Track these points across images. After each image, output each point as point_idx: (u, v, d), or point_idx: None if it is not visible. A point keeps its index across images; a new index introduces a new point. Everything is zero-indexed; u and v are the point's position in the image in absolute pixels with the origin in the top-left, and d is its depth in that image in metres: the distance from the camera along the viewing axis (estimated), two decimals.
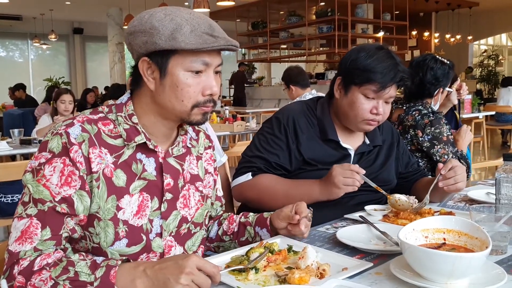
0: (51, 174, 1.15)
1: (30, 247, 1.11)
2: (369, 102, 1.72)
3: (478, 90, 15.20)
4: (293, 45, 13.42)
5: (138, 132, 1.25)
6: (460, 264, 1.00)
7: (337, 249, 1.34)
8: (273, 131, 1.80)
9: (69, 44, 17.71)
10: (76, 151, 1.17)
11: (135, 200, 1.23)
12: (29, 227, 1.12)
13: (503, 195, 1.37)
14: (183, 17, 1.18)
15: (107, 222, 1.20)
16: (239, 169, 1.79)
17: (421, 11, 15.83)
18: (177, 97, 1.21)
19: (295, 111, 1.84)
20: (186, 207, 1.33)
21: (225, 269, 1.17)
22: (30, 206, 1.14)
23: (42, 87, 15.25)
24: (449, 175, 1.64)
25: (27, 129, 5.18)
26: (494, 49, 18.86)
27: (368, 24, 11.68)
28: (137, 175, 1.24)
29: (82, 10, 14.69)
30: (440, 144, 2.39)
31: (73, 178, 1.16)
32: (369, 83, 1.69)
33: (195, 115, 1.24)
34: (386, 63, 1.69)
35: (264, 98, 11.18)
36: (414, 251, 1.06)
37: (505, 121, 8.80)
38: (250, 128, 5.81)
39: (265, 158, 1.76)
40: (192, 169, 1.38)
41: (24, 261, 1.10)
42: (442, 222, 1.19)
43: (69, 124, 1.20)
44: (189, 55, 1.18)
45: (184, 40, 1.15)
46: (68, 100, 4.84)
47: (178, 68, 1.19)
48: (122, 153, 1.23)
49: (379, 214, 1.64)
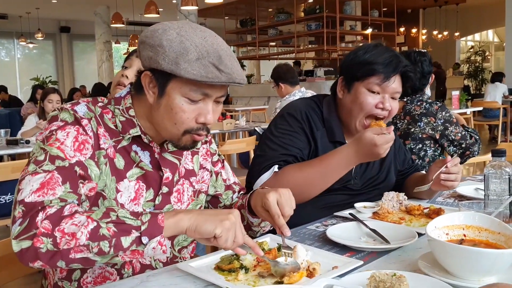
0: (64, 138, 1.14)
1: (54, 198, 1.05)
2: (374, 97, 1.66)
3: (465, 86, 15.32)
4: (282, 43, 13.41)
5: (134, 125, 1.25)
6: (501, 260, 1.00)
7: (327, 247, 1.34)
8: (291, 127, 1.72)
9: (56, 43, 17.56)
10: (87, 125, 1.19)
11: (132, 186, 1.24)
12: (51, 178, 1.07)
13: (492, 191, 1.38)
14: (194, 42, 1.13)
15: (112, 201, 1.21)
16: (261, 169, 1.65)
17: (408, 8, 15.92)
18: (170, 119, 1.19)
19: (306, 107, 1.77)
20: (179, 202, 1.35)
21: (215, 269, 1.16)
22: (47, 164, 1.10)
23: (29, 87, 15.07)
24: (453, 171, 1.64)
25: (13, 129, 5.13)
26: (481, 45, 19.04)
27: (356, 21, 11.70)
28: (135, 163, 1.26)
29: (69, 8, 14.56)
30: (452, 126, 2.65)
31: (85, 146, 1.17)
32: (372, 75, 1.65)
33: (185, 141, 1.23)
34: (386, 55, 1.67)
35: (254, 96, 11.15)
36: (450, 249, 1.03)
37: (492, 116, 8.88)
38: (239, 126, 5.80)
39: (289, 152, 1.67)
40: (187, 164, 1.39)
41: (50, 209, 1.02)
42: (461, 219, 1.18)
43: (74, 103, 1.22)
44: (190, 83, 1.15)
45: (185, 68, 1.11)
46: (56, 99, 4.80)
47: (176, 92, 1.16)
48: (121, 139, 1.25)
49: (368, 212, 1.64)
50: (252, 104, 10.74)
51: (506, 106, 9.05)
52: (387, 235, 1.35)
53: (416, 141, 2.68)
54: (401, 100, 2.72)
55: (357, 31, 11.75)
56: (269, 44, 13.84)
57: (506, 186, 1.35)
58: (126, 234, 1.01)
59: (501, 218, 1.30)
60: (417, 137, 2.67)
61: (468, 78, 17.34)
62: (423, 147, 2.68)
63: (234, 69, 1.16)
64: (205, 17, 13.85)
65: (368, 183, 1.81)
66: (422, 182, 1.74)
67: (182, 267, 1.16)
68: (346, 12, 10.83)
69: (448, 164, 1.64)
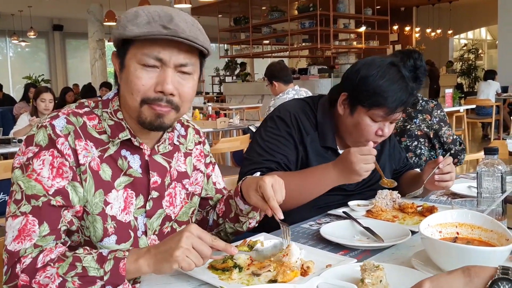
0: (40, 168, 1.12)
1: (29, 244, 1.08)
2: (375, 124, 1.64)
3: (458, 84, 15.38)
4: (276, 41, 13.41)
5: (123, 128, 1.21)
6: (493, 257, 1.01)
7: (321, 246, 1.34)
8: (279, 131, 1.72)
9: (49, 41, 17.45)
10: (63, 143, 1.14)
11: (120, 195, 1.21)
12: (25, 225, 1.09)
13: (484, 188, 1.38)
14: (148, 9, 1.13)
15: (95, 217, 1.18)
16: (246, 172, 1.66)
17: (402, 6, 15.96)
18: (128, 91, 1.16)
19: (296, 109, 1.76)
20: (171, 206, 1.31)
21: (209, 269, 1.16)
22: (24, 204, 1.10)
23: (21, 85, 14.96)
24: (446, 170, 1.65)
25: (6, 128, 5.10)
26: (474, 43, 19.11)
27: (350, 19, 11.71)
28: (123, 171, 1.22)
29: (62, 6, 14.48)
30: (445, 126, 2.70)
31: (64, 169, 1.14)
32: (379, 107, 1.60)
33: (146, 113, 1.16)
34: (396, 86, 1.59)
35: (247, 94, 11.14)
36: (445, 247, 1.05)
37: (485, 114, 8.92)
38: (233, 125, 5.79)
39: (273, 159, 1.67)
40: (180, 167, 1.35)
41: (25, 259, 1.07)
42: (454, 216, 1.20)
43: (53, 117, 1.18)
44: (143, 47, 1.13)
45: (132, 29, 1.10)
46: (48, 98, 4.77)
47: (132, 61, 1.15)
48: (107, 148, 1.20)
49: (362, 210, 1.64)
50: (245, 102, 10.73)
51: (499, 104, 9.09)
52: (381, 233, 1.36)
53: (412, 138, 2.72)
54: None
55: (350, 29, 11.76)
56: (263, 42, 13.83)
57: (499, 184, 1.36)
58: (91, 284, 1.03)
59: (494, 215, 1.31)
60: (413, 134, 2.72)
61: (461, 76, 17.41)
62: (418, 144, 2.72)
63: (185, 27, 1.11)
64: (199, 15, 13.81)
65: (363, 183, 1.79)
66: (416, 181, 1.75)
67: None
68: (339, 10, 10.84)
69: (440, 165, 1.65)
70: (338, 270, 1.09)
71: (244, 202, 1.35)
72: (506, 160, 1.61)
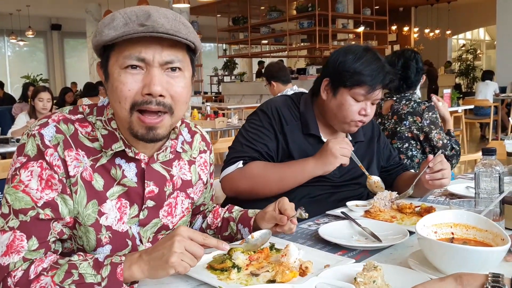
0: (29, 179, 1.08)
1: (18, 258, 1.05)
2: (358, 104, 1.73)
3: (457, 84, 15.41)
4: (274, 41, 13.40)
5: (117, 139, 1.15)
6: (491, 258, 1.02)
7: (319, 246, 1.34)
8: (261, 122, 1.81)
9: (47, 40, 17.42)
10: (52, 154, 1.09)
11: (114, 205, 1.17)
12: (13, 241, 1.06)
13: (482, 189, 1.38)
14: (127, 11, 1.06)
15: (88, 228, 1.15)
16: (228, 160, 1.77)
17: (400, 6, 15.98)
18: (115, 100, 1.09)
19: (279, 103, 1.86)
20: (169, 215, 1.27)
21: (207, 269, 1.16)
22: (11, 218, 1.07)
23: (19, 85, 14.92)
24: (436, 168, 1.66)
25: (4, 127, 5.09)
26: (472, 43, 19.13)
27: (348, 19, 11.71)
28: (116, 181, 1.17)
29: (60, 6, 14.45)
30: (436, 129, 2.62)
31: (53, 182, 1.09)
32: (359, 85, 1.70)
33: (136, 124, 1.08)
34: (374, 65, 1.71)
35: (246, 94, 11.14)
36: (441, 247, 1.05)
37: (483, 114, 8.93)
38: (232, 125, 5.79)
39: (255, 148, 1.75)
40: (185, 175, 1.30)
41: (16, 272, 1.04)
42: (449, 217, 1.20)
43: (43, 124, 1.12)
44: (124, 50, 1.06)
45: (109, 33, 1.04)
46: (46, 98, 4.77)
47: (115, 67, 1.08)
48: (100, 157, 1.15)
49: (360, 210, 1.65)
50: (244, 102, 10.72)
51: (497, 104, 9.11)
52: (379, 233, 1.36)
53: (402, 140, 2.67)
54: (390, 99, 2.77)
55: (349, 29, 11.76)
56: (261, 42, 13.83)
57: (496, 185, 1.36)
58: None
59: (492, 216, 1.31)
60: (403, 136, 2.67)
61: (459, 76, 17.43)
62: (409, 146, 2.67)
63: (164, 22, 1.04)
64: (197, 15, 13.81)
65: (347, 175, 1.84)
66: (411, 182, 1.75)
67: None
68: (338, 10, 10.84)
69: (430, 164, 1.66)
70: (337, 270, 1.09)
71: (250, 232, 1.37)
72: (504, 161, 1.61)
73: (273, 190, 1.69)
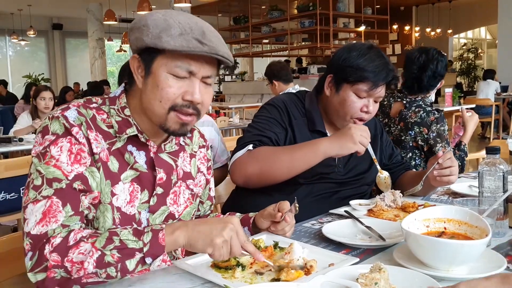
0: (59, 154, 1.13)
1: (57, 225, 1.08)
2: (360, 101, 1.73)
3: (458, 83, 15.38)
4: (275, 40, 13.42)
5: (130, 125, 1.24)
6: (461, 251, 1.05)
7: (323, 245, 1.34)
8: (270, 114, 1.81)
9: (49, 40, 17.44)
10: (77, 132, 1.16)
11: (126, 188, 1.23)
12: (50, 206, 1.09)
13: (486, 188, 1.38)
14: (178, 19, 1.16)
15: (106, 206, 1.20)
16: (238, 146, 1.75)
17: (401, 5, 15.96)
18: (155, 97, 1.18)
19: (285, 99, 1.87)
20: (175, 204, 1.33)
21: (212, 267, 1.17)
22: (45, 188, 1.11)
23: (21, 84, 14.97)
24: (446, 164, 1.65)
25: (6, 127, 5.09)
26: (473, 42, 19.10)
27: (349, 18, 11.71)
28: (129, 165, 1.24)
29: (61, 5, 14.46)
30: (442, 142, 2.43)
31: (82, 155, 1.16)
32: (362, 81, 1.70)
33: (172, 122, 1.20)
34: (377, 62, 1.71)
35: (247, 93, 11.14)
36: (417, 239, 1.10)
37: (484, 113, 8.92)
38: (233, 124, 5.80)
39: (264, 134, 1.75)
40: (185, 166, 1.38)
41: (55, 239, 1.06)
42: (443, 212, 1.24)
43: (64, 108, 1.20)
44: (175, 59, 1.16)
45: (168, 41, 1.13)
46: (48, 97, 4.78)
47: (162, 69, 1.17)
48: (115, 141, 1.23)
49: (364, 209, 1.65)
50: (245, 101, 10.72)
51: (498, 103, 9.11)
52: (383, 232, 1.36)
53: (406, 149, 2.52)
54: (400, 101, 2.58)
55: (350, 29, 11.76)
56: (262, 41, 13.84)
57: (500, 183, 1.36)
58: (130, 257, 1.05)
59: (495, 215, 1.31)
60: (407, 145, 2.51)
61: (460, 76, 17.40)
62: (412, 155, 2.53)
63: (218, 43, 1.17)
64: (198, 14, 13.80)
65: (352, 172, 1.85)
66: (417, 179, 1.75)
67: (179, 265, 1.16)
68: (339, 9, 10.84)
69: (440, 160, 1.66)
70: (342, 270, 1.10)
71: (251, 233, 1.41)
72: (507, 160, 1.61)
73: (283, 173, 1.66)
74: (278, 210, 1.34)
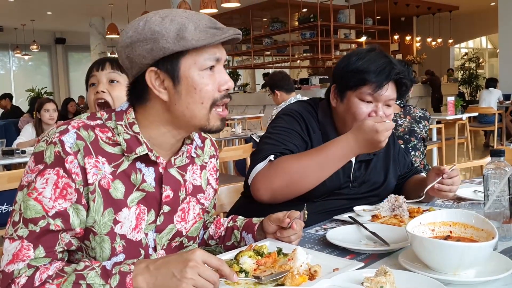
0: (43, 187, 1.06)
1: (23, 265, 1.04)
2: (368, 106, 1.64)
3: (460, 93, 15.40)
4: (277, 52, 13.47)
5: (140, 143, 1.15)
6: (468, 254, 1.04)
7: (328, 250, 1.33)
8: (287, 124, 1.71)
9: (52, 54, 17.56)
10: (72, 162, 1.08)
11: (132, 213, 1.16)
12: (20, 250, 1.05)
13: (491, 191, 1.37)
14: (181, 15, 1.10)
15: (103, 237, 1.13)
16: (256, 159, 1.63)
17: (402, 16, 16.01)
18: (195, 101, 1.13)
19: (301, 109, 1.77)
20: (183, 221, 1.27)
21: None
22: (21, 227, 1.06)
23: (24, 98, 15.07)
24: (447, 183, 1.64)
25: (9, 139, 5.11)
26: (474, 52, 19.16)
27: (350, 29, 11.79)
28: (136, 186, 1.16)
29: (64, 20, 14.58)
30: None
31: (68, 190, 1.08)
32: (364, 85, 1.62)
33: (214, 120, 1.16)
34: (379, 62, 1.63)
35: (249, 104, 11.17)
36: (423, 242, 1.09)
37: (487, 122, 8.91)
38: (236, 134, 5.81)
39: (287, 147, 1.64)
40: (195, 180, 1.30)
41: (20, 279, 1.03)
42: (448, 215, 1.22)
43: (63, 131, 1.10)
44: (201, 53, 1.11)
45: (193, 37, 1.08)
46: (52, 108, 4.81)
47: (192, 70, 1.11)
48: (121, 162, 1.15)
49: (368, 215, 1.63)
50: (247, 112, 10.76)
51: (501, 111, 9.10)
52: (387, 237, 1.34)
53: (419, 140, 2.98)
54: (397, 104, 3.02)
55: (351, 39, 11.82)
56: (264, 53, 13.90)
57: (506, 186, 1.34)
58: None
59: (502, 218, 1.30)
60: (418, 136, 2.97)
61: (462, 85, 17.42)
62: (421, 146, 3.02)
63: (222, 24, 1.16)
64: None
65: (367, 187, 1.80)
66: (420, 186, 1.74)
67: None
68: (340, 20, 10.91)
69: (444, 176, 1.64)
70: (347, 274, 1.08)
71: (255, 240, 1.38)
72: None
73: (312, 181, 1.56)
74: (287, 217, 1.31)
